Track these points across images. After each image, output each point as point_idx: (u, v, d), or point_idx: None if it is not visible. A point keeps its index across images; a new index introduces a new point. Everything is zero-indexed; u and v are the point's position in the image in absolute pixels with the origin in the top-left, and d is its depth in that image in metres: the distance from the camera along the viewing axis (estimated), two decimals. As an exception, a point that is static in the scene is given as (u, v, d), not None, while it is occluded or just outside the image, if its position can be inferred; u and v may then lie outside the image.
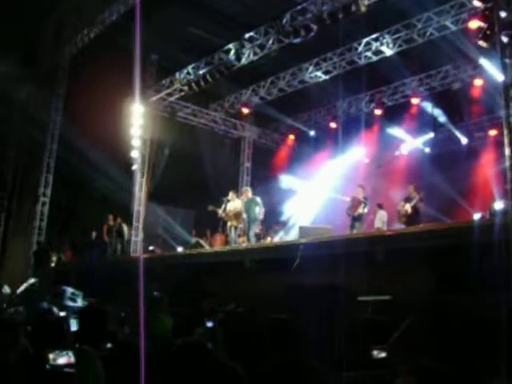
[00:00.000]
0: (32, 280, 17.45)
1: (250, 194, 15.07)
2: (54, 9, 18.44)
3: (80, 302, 11.79)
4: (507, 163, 8.43)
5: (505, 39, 8.88)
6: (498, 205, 12.31)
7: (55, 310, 5.63)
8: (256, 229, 15.32)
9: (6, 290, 14.40)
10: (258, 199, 14.79)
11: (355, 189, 15.00)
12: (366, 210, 14.46)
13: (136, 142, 18.33)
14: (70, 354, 3.71)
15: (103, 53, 17.58)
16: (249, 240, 14.59)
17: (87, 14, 17.68)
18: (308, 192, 21.18)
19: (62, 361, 3.68)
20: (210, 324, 5.07)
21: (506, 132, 8.54)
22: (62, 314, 6.31)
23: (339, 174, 21.06)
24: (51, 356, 3.65)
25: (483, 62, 14.95)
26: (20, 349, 4.11)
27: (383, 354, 6.69)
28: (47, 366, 3.64)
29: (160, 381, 2.37)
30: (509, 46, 8.82)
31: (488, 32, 10.10)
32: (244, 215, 14.76)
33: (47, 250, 19.38)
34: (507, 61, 8.79)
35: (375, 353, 6.67)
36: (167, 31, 17.35)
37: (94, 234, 19.22)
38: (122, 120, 18.28)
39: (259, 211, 14.70)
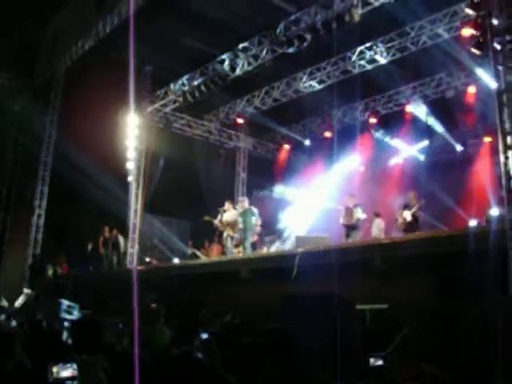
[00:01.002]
0: (28, 292, 17.41)
1: (246, 204, 15.02)
2: (48, 22, 18.48)
3: (76, 315, 11.72)
4: (502, 170, 8.43)
5: (497, 46, 8.91)
6: (494, 211, 12.33)
7: (51, 322, 5.59)
8: (252, 239, 15.27)
9: (4, 302, 14.34)
10: (254, 209, 14.76)
11: (346, 198, 15.03)
12: (364, 215, 14.43)
13: (131, 153, 18.32)
14: (74, 366, 3.67)
15: (98, 65, 17.60)
16: (245, 250, 14.55)
17: (81, 27, 17.70)
18: (304, 201, 21.16)
19: (65, 374, 3.64)
20: (204, 336, 5.04)
21: (500, 138, 8.55)
22: (59, 326, 6.27)
23: (334, 183, 21.08)
24: (55, 369, 3.60)
25: (476, 69, 15.04)
26: (16, 360, 4.08)
27: (380, 362, 6.66)
28: (51, 379, 3.60)
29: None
30: (501, 53, 8.85)
31: (481, 39, 10.14)
32: (240, 225, 14.71)
33: (43, 263, 19.32)
34: (500, 67, 8.82)
35: (372, 361, 6.63)
36: (161, 42, 17.37)
37: (89, 246, 19.17)
38: (117, 131, 18.30)
39: (255, 221, 14.67)
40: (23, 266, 19.56)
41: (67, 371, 3.63)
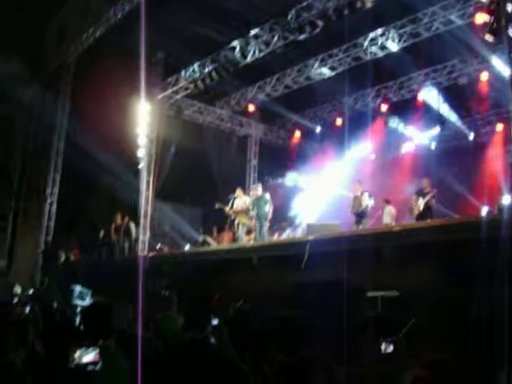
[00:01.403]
0: (41, 279, 17.57)
1: (259, 192, 14.98)
2: (59, 9, 18.47)
3: (88, 301, 11.82)
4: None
5: None
6: (506, 199, 12.28)
7: (63, 308, 5.65)
8: (267, 226, 15.25)
9: (17, 289, 14.47)
10: (268, 196, 14.73)
11: (353, 185, 15.01)
12: (372, 201, 14.39)
13: (142, 141, 18.34)
14: (96, 351, 3.71)
15: (109, 52, 17.59)
16: (262, 237, 14.50)
17: (92, 14, 17.69)
18: (314, 189, 21.17)
19: (87, 359, 3.68)
20: (215, 322, 5.07)
21: (513, 126, 8.52)
22: (71, 312, 6.34)
23: (345, 170, 21.06)
24: (76, 355, 3.65)
25: (490, 56, 14.91)
26: (29, 347, 4.13)
27: (391, 348, 6.69)
28: (73, 365, 3.64)
29: (165, 379, 2.38)
30: (515, 40, 8.79)
31: (494, 26, 10.05)
32: (252, 212, 14.70)
33: (55, 249, 19.47)
34: (514, 54, 8.76)
35: (383, 347, 6.67)
36: (173, 29, 17.34)
37: (101, 233, 19.27)
38: (129, 119, 18.31)
39: (269, 208, 14.64)
40: (36, 253, 19.71)
41: (88, 356, 3.68)
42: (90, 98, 17.63)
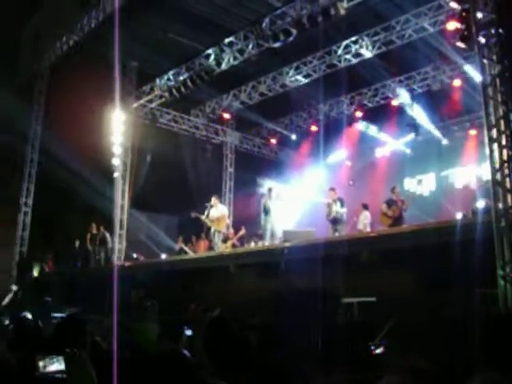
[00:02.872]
0: (15, 289, 17.33)
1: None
2: (32, 16, 18.31)
3: (63, 312, 11.67)
4: (488, 162, 8.48)
5: (482, 40, 8.95)
6: (480, 204, 12.39)
7: (37, 320, 5.56)
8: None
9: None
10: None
11: (327, 193, 15.08)
12: (343, 209, 14.47)
13: (117, 150, 18.21)
14: (61, 360, 3.66)
15: (83, 60, 17.45)
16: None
17: (66, 22, 17.55)
18: (291, 196, 21.20)
19: (53, 367, 3.62)
20: (188, 332, 5.02)
21: (486, 131, 8.60)
22: (44, 323, 6.24)
23: (322, 177, 21.14)
24: (41, 363, 3.59)
25: (462, 62, 15.10)
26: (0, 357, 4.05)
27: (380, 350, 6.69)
28: (37, 373, 3.58)
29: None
30: (486, 47, 8.89)
31: (466, 33, 10.18)
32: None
33: (30, 260, 19.22)
34: (485, 61, 8.86)
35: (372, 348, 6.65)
36: (147, 38, 17.28)
37: (77, 243, 19.09)
38: (103, 127, 18.18)
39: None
40: (10, 264, 19.43)
41: (54, 365, 3.62)
42: (65, 106, 17.47)
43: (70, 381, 3.57)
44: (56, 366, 3.63)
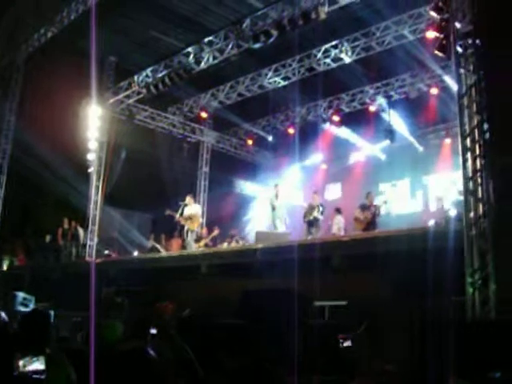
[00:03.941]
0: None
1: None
2: (9, 6, 18.05)
3: (32, 307, 11.53)
4: (461, 171, 8.56)
5: (460, 50, 9.04)
6: (453, 212, 12.51)
7: (3, 315, 5.47)
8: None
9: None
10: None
11: (311, 196, 15.19)
12: (321, 216, 14.60)
13: (93, 145, 18.05)
14: (42, 360, 3.59)
15: (60, 53, 17.29)
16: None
17: (45, 13, 17.33)
18: (266, 198, 21.20)
19: (32, 367, 3.56)
20: (153, 331, 4.98)
21: (460, 140, 8.67)
22: (13, 319, 6.14)
23: (297, 179, 21.18)
24: (21, 363, 3.52)
25: (440, 71, 15.27)
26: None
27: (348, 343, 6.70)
28: (16, 373, 3.52)
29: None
30: (463, 57, 8.98)
31: (444, 42, 10.26)
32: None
33: (-1, 254, 18.96)
34: (462, 71, 8.94)
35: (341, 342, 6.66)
36: (126, 33, 17.19)
37: (48, 238, 18.85)
38: (79, 122, 17.99)
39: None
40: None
41: (34, 365, 3.56)
42: (40, 99, 17.30)
43: (49, 382, 3.51)
44: (36, 365, 3.57)
